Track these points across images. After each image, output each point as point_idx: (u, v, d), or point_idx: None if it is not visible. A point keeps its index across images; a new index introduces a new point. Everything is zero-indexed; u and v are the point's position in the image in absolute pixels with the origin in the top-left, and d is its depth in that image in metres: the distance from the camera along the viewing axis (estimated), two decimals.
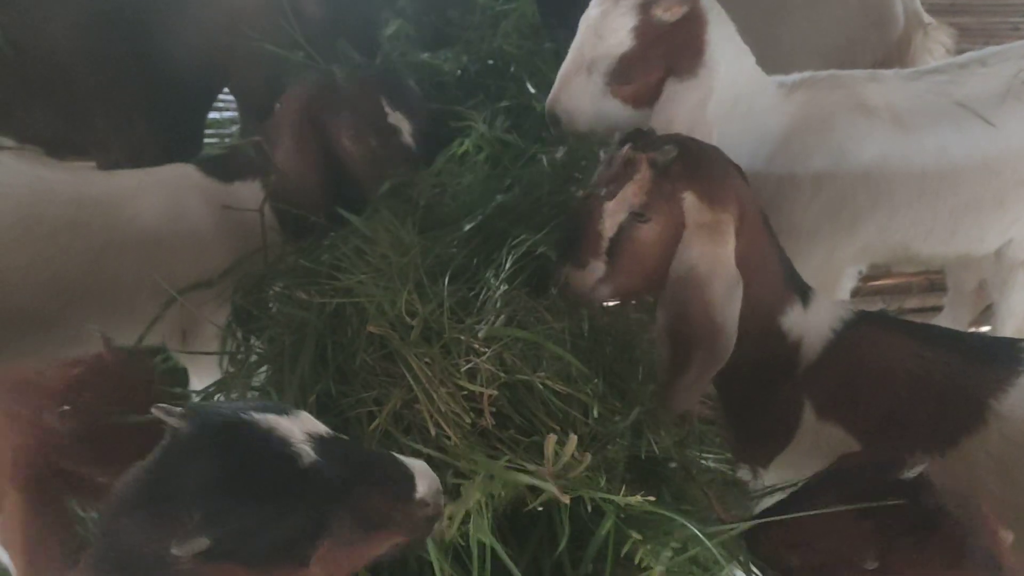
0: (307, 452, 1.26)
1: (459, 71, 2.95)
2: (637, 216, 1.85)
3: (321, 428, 1.34)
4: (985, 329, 3.37)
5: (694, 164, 1.85)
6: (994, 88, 2.53)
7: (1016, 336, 2.73)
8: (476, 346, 1.87)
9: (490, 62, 3.00)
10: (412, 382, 1.85)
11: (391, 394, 1.87)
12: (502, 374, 1.82)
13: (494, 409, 1.83)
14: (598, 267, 1.92)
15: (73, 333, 2.20)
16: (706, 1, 2.37)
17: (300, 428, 1.29)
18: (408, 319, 1.94)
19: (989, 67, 2.58)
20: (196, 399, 2.36)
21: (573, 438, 1.65)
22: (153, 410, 1.22)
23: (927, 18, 3.48)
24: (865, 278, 3.29)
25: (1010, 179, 2.55)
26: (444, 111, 2.64)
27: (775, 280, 1.96)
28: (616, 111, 2.42)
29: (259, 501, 1.20)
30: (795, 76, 2.55)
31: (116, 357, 1.74)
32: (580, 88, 2.42)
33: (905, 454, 1.50)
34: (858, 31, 3.40)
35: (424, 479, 1.42)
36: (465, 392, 1.83)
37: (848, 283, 2.97)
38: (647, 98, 2.38)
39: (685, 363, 1.87)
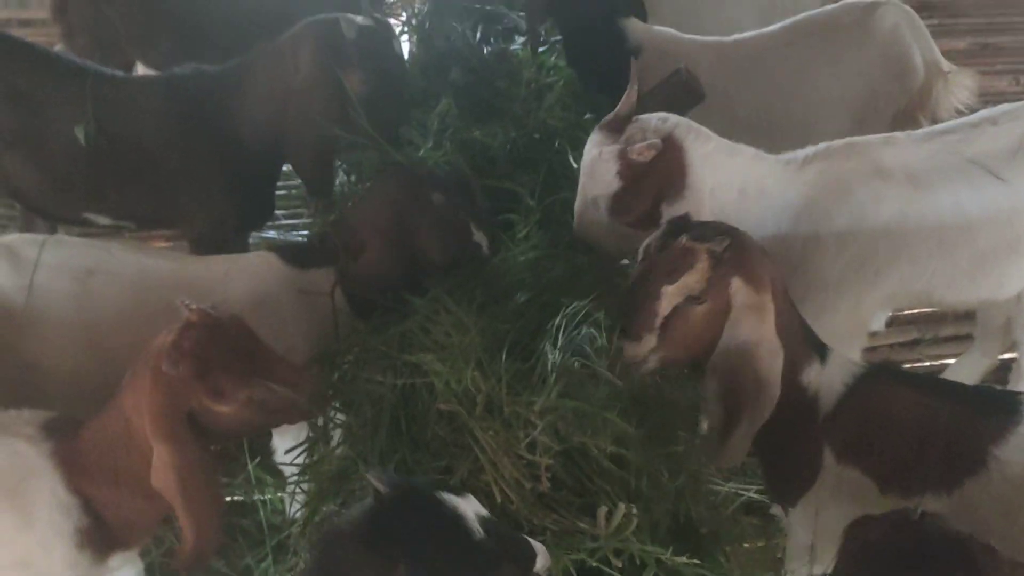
0: (477, 529, 1.58)
1: (508, 145, 3.20)
2: (692, 299, 2.10)
3: (482, 510, 1.64)
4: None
5: (740, 252, 2.11)
6: (1005, 145, 2.71)
7: None
8: (533, 418, 2.12)
9: (536, 136, 3.25)
10: (479, 453, 2.11)
11: (460, 463, 2.15)
12: (556, 446, 2.07)
13: (550, 474, 2.09)
14: (650, 340, 2.16)
15: None
16: (680, 129, 2.63)
17: (472, 509, 1.60)
18: (472, 390, 2.20)
19: (1000, 125, 2.75)
20: (283, 455, 2.66)
21: (621, 507, 1.89)
22: (368, 476, 1.56)
23: (947, 66, 3.63)
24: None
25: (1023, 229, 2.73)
26: (497, 190, 2.90)
27: (798, 342, 2.22)
28: (627, 234, 2.69)
29: (447, 563, 1.54)
30: (809, 149, 2.75)
31: (206, 317, 2.00)
32: (591, 220, 2.73)
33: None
34: (880, 83, 3.57)
35: (542, 557, 1.72)
36: (525, 460, 2.09)
37: (878, 323, 3.15)
38: (649, 222, 2.62)
39: (736, 420, 2.13)
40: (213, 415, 1.98)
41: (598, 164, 2.65)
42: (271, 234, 4.04)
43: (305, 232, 4.04)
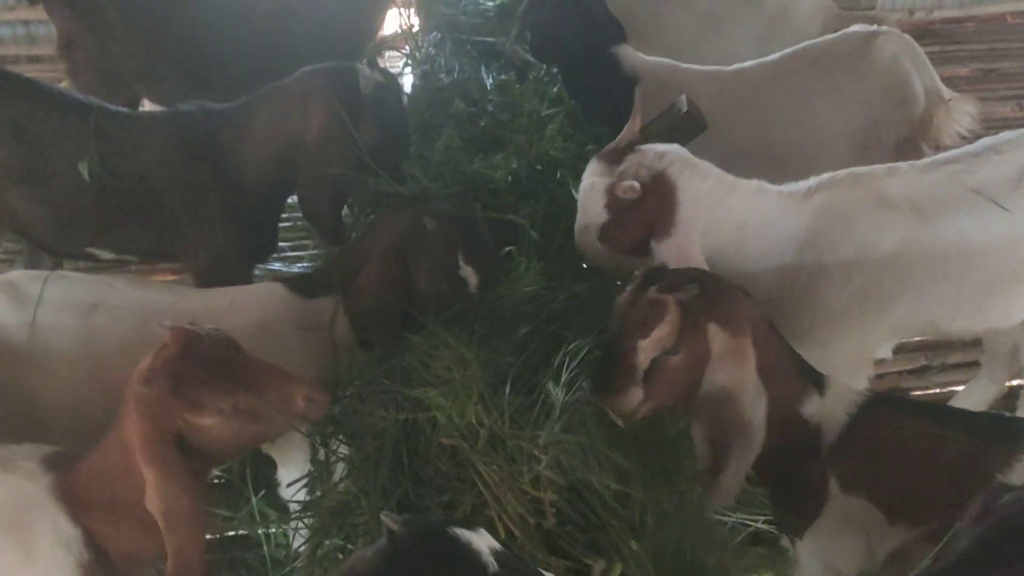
0: (492, 563, 1.56)
1: (510, 177, 3.20)
2: (669, 351, 2.11)
3: (496, 544, 1.63)
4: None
5: (714, 298, 2.12)
6: (1008, 174, 2.71)
7: None
8: (537, 452, 2.11)
9: (538, 167, 3.26)
10: (482, 488, 2.10)
11: (463, 498, 2.13)
12: (560, 480, 2.06)
13: (554, 509, 2.08)
14: (636, 393, 2.17)
15: None
16: (676, 167, 2.64)
17: (485, 543, 1.59)
18: (475, 424, 2.19)
19: (1003, 154, 2.76)
20: (287, 487, 2.65)
21: (618, 566, 1.88)
22: (382, 516, 1.55)
23: (948, 93, 3.63)
24: None
25: None
26: (499, 221, 2.91)
27: (790, 377, 2.23)
28: (621, 259, 2.74)
29: None
30: (812, 180, 2.76)
31: (180, 333, 1.99)
32: (589, 243, 2.76)
33: None
34: (881, 112, 3.57)
35: None
36: (529, 495, 2.08)
37: (885, 350, 3.14)
38: (640, 251, 2.67)
39: (725, 462, 2.14)
40: (201, 431, 1.98)
41: (589, 195, 2.69)
42: (276, 266, 4.06)
43: (310, 264, 4.05)
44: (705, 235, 2.62)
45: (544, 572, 1.73)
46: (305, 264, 4.09)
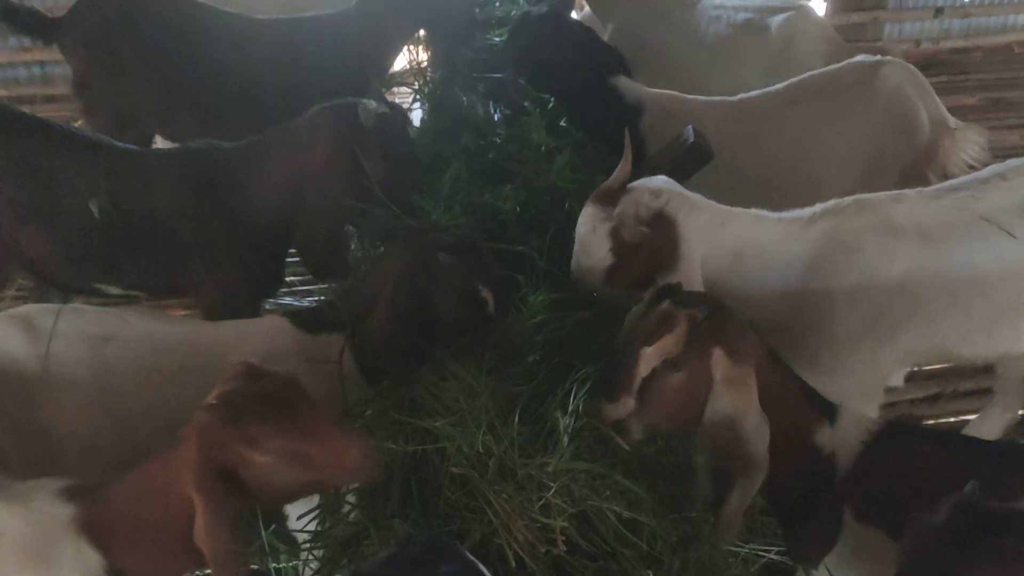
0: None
1: (518, 208, 3.23)
2: (670, 364, 2.10)
3: None
4: None
5: (721, 324, 2.12)
6: (1016, 200, 2.71)
7: None
8: (546, 480, 2.12)
9: (547, 198, 3.29)
10: (492, 516, 2.10)
11: (473, 527, 2.13)
12: (569, 508, 2.05)
13: (564, 537, 2.08)
14: (628, 403, 2.15)
15: None
16: (673, 204, 2.67)
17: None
18: (484, 453, 2.20)
19: (1010, 181, 2.76)
20: (296, 520, 2.65)
21: None
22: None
23: (953, 122, 3.65)
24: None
25: None
26: (507, 252, 2.93)
27: (798, 406, 2.21)
28: (624, 294, 2.73)
29: None
30: (816, 207, 2.77)
31: (249, 368, 2.00)
32: (591, 283, 2.79)
33: None
34: (885, 140, 3.59)
35: None
36: (539, 524, 2.07)
37: (897, 378, 3.12)
38: (642, 286, 2.61)
39: (727, 493, 2.12)
40: (252, 468, 1.95)
41: (592, 240, 2.70)
42: (286, 300, 4.08)
43: (320, 298, 4.07)
44: (701, 266, 2.64)
45: None
46: (315, 299, 4.11)
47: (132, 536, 2.03)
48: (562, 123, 3.83)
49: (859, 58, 3.78)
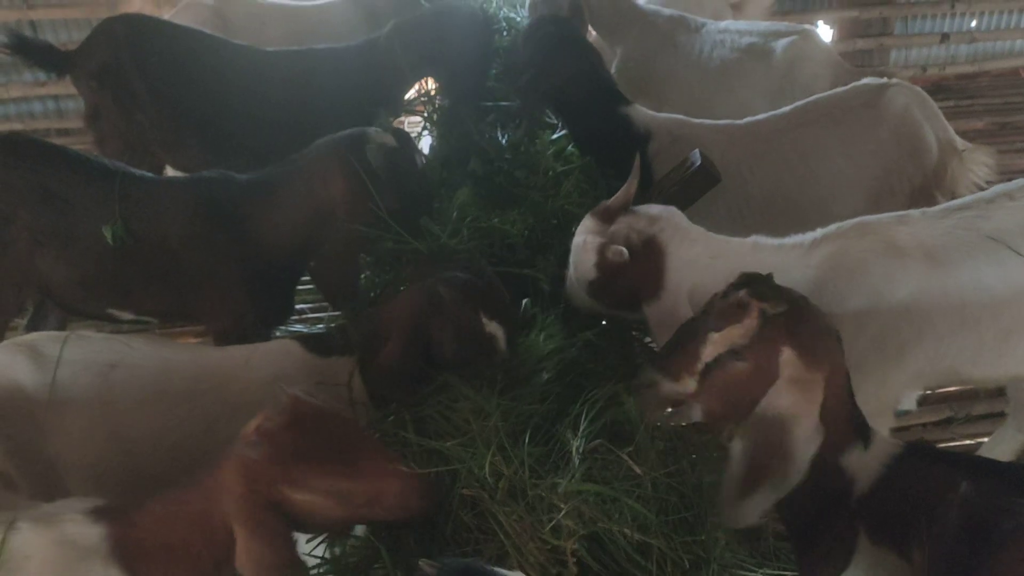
0: None
1: (527, 232, 3.25)
2: (735, 353, 2.09)
3: None
4: None
5: (797, 324, 2.09)
6: (1023, 219, 2.69)
7: None
8: (557, 502, 2.10)
9: (554, 222, 3.30)
10: (503, 538, 2.09)
11: (484, 549, 2.12)
12: (581, 530, 2.04)
13: (575, 558, 2.06)
14: (690, 383, 2.14)
15: None
16: (666, 233, 2.68)
17: None
18: (494, 475, 2.19)
19: (1016, 200, 2.74)
20: (306, 544, 2.64)
21: None
22: (420, 563, 1.55)
23: (961, 144, 3.65)
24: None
25: None
26: (516, 275, 2.94)
27: (845, 428, 2.18)
28: (610, 312, 2.77)
29: None
30: (818, 231, 2.76)
31: (297, 403, 1.99)
32: (579, 295, 2.81)
33: None
34: (893, 162, 3.59)
35: None
36: (549, 545, 2.06)
37: (909, 402, 3.10)
38: (629, 308, 2.70)
39: (756, 486, 2.10)
40: (295, 505, 1.96)
41: (580, 252, 2.72)
42: (297, 327, 4.09)
43: (331, 325, 4.09)
44: (692, 297, 2.62)
45: None
46: (325, 326, 4.12)
47: (163, 559, 2.02)
48: (570, 147, 3.84)
49: (865, 81, 3.79)
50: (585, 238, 2.71)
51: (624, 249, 2.61)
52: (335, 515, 2.01)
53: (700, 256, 2.69)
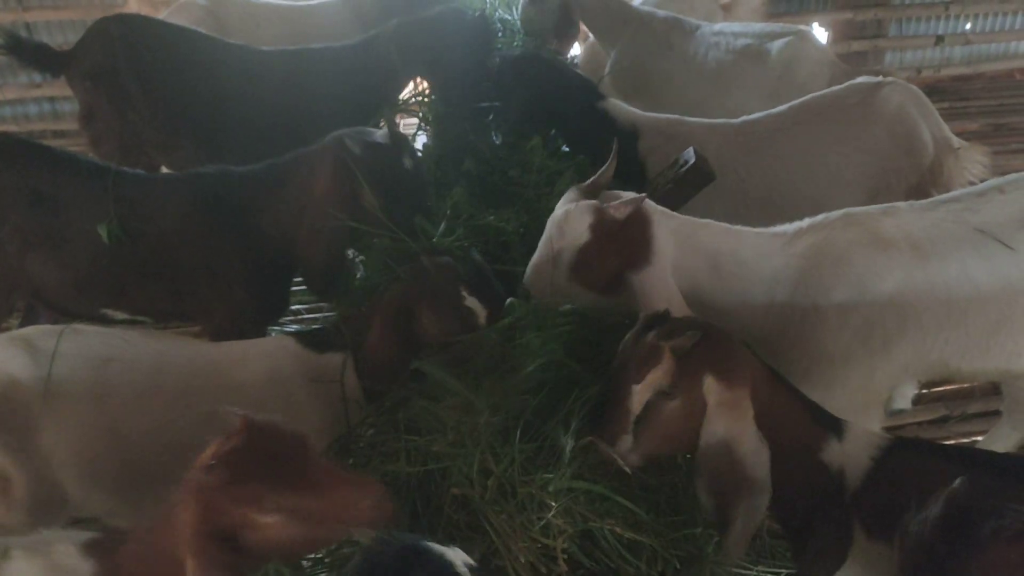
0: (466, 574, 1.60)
1: (521, 230, 3.24)
2: (664, 394, 2.09)
3: (470, 559, 1.64)
4: None
5: (711, 349, 2.10)
6: (1013, 213, 2.68)
7: None
8: (547, 500, 2.09)
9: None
10: (493, 536, 2.08)
11: (473, 546, 2.11)
12: (570, 528, 2.03)
13: (566, 556, 2.05)
14: (626, 441, 2.14)
15: None
16: (648, 204, 2.67)
17: (459, 558, 1.62)
18: (483, 475, 2.18)
19: (1007, 194, 2.73)
20: None
21: None
22: (355, 533, 1.56)
23: (957, 142, 3.65)
24: (927, 384, 3.39)
25: None
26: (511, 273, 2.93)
27: (802, 424, 2.19)
28: (579, 294, 2.71)
29: None
30: (804, 221, 2.76)
31: (251, 424, 1.92)
32: (546, 277, 2.72)
33: None
34: (890, 160, 3.58)
35: None
36: (539, 544, 2.05)
37: (904, 400, 3.07)
38: (604, 287, 2.66)
39: (730, 517, 2.10)
40: (257, 529, 1.88)
41: (571, 215, 2.65)
42: (293, 327, 4.08)
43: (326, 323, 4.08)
44: (675, 272, 2.62)
45: None
46: (321, 325, 4.12)
47: None
48: (564, 146, 3.85)
49: (860, 79, 3.79)
50: (576, 204, 2.68)
51: (623, 205, 2.59)
52: (296, 535, 1.92)
53: (681, 228, 2.68)
